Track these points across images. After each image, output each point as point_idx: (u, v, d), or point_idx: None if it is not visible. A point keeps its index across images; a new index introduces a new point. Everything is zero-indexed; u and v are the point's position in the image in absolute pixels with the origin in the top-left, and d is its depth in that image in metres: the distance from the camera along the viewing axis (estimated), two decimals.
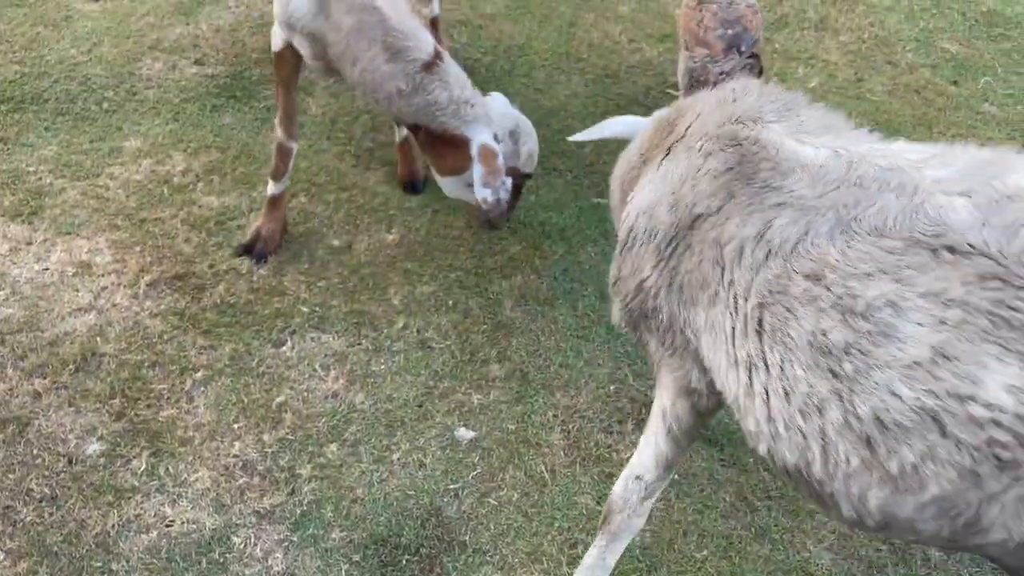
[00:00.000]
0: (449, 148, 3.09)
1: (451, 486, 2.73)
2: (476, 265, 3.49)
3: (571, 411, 3.00)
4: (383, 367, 3.05)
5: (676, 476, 2.82)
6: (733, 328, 1.83)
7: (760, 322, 1.75)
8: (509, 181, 3.11)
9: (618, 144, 2.67)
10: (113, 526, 2.53)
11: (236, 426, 2.81)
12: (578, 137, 2.81)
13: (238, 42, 4.45)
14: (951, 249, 1.55)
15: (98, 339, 3.00)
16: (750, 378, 1.78)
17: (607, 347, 3.24)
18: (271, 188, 3.40)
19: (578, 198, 3.87)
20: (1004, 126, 4.44)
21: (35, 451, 2.68)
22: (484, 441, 2.87)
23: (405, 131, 3.76)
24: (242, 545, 2.52)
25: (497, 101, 3.29)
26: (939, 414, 1.50)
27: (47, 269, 3.25)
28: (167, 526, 2.55)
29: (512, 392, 3.02)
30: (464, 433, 2.88)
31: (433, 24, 4.20)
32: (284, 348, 3.08)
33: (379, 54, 2.95)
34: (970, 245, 1.53)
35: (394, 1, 3.04)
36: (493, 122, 3.15)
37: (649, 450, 2.21)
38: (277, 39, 3.24)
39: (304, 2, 2.98)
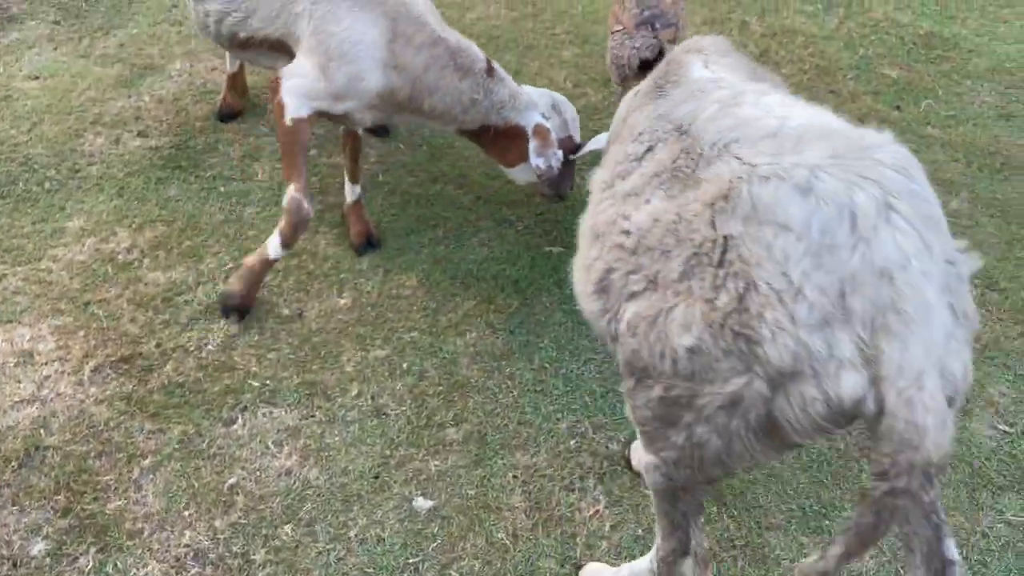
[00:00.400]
0: (512, 140, 3.44)
1: (411, 560, 2.66)
2: (430, 324, 3.45)
3: (531, 471, 2.94)
4: (337, 439, 2.99)
5: (640, 531, 2.77)
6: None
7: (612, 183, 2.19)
8: (560, 152, 3.44)
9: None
10: None
11: (187, 513, 2.73)
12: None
13: (182, 111, 4.41)
14: (683, 131, 2.03)
15: (41, 431, 2.92)
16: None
17: (566, 400, 3.20)
18: (272, 253, 3.28)
19: (531, 248, 3.85)
20: (948, 148, 4.50)
21: None
22: (443, 509, 2.81)
23: (357, 192, 3.76)
24: None
25: (527, 87, 3.61)
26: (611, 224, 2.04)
27: None
28: None
29: (471, 455, 2.97)
30: (422, 503, 2.81)
31: None
32: (235, 426, 3.01)
33: (452, 76, 3.22)
34: (686, 128, 2.02)
35: (442, 24, 3.32)
36: (538, 104, 3.49)
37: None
38: (301, 108, 3.14)
39: (378, 74, 3.15)
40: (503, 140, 3.46)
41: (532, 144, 3.39)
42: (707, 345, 1.70)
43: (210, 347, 3.27)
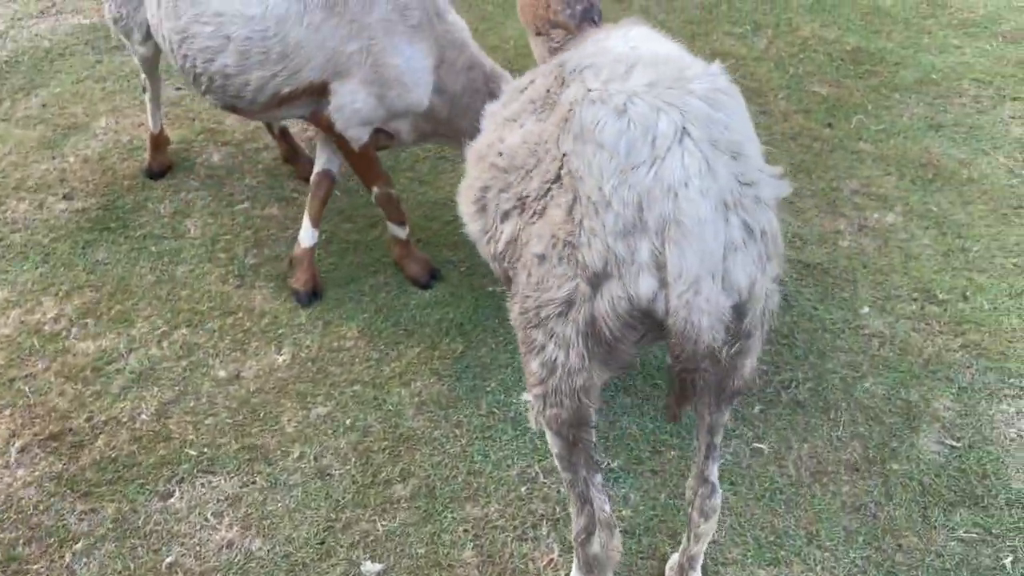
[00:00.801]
0: None
1: None
2: (373, 376, 3.37)
3: (483, 522, 2.87)
4: (280, 505, 2.89)
5: None
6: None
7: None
8: None
9: None
10: None
11: None
12: None
13: (108, 170, 4.31)
14: (562, 63, 2.20)
15: None
16: None
17: (515, 444, 3.14)
18: (401, 233, 3.71)
19: (474, 290, 3.81)
20: (880, 162, 4.56)
21: None
22: (393, 571, 2.72)
23: (315, 237, 3.71)
24: None
25: None
26: None
27: None
28: None
29: (419, 512, 2.89)
30: (371, 567, 2.72)
31: None
32: (172, 499, 2.90)
33: (484, 101, 3.25)
34: (564, 61, 2.18)
35: (479, 50, 3.44)
36: None
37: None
38: (364, 134, 3.40)
39: (422, 91, 3.29)
40: None
41: None
42: (548, 252, 1.91)
43: (144, 417, 3.16)
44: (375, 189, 3.62)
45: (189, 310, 3.60)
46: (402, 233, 3.76)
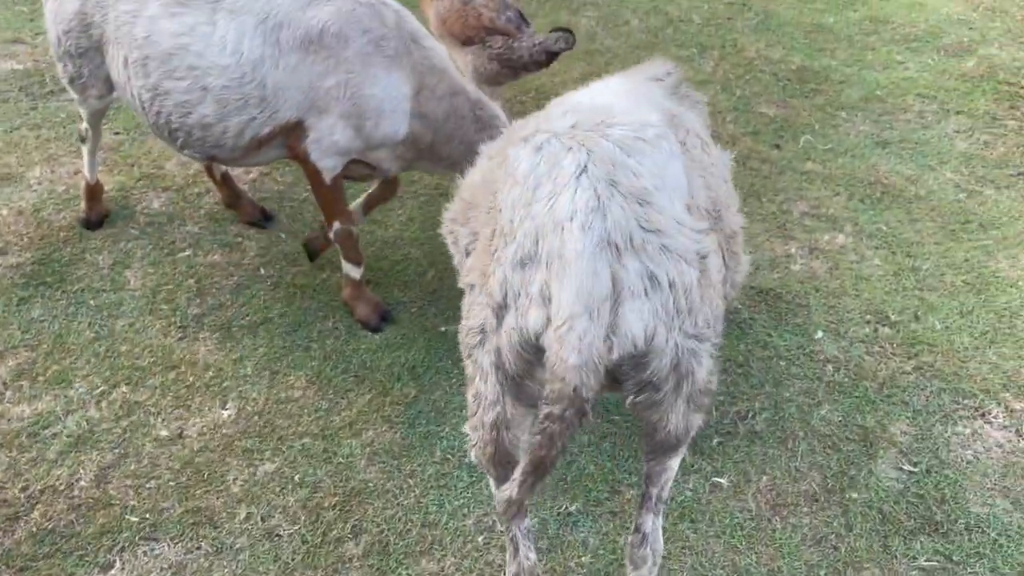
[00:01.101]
0: None
1: None
2: (323, 427, 3.28)
3: None
4: (227, 571, 2.77)
5: None
6: None
7: None
8: None
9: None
10: None
11: None
12: None
13: (43, 223, 4.17)
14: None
15: None
16: None
17: (471, 492, 3.06)
18: (355, 274, 3.64)
19: (426, 331, 3.73)
20: (829, 182, 4.57)
21: None
22: None
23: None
24: None
25: None
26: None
27: None
28: None
29: (372, 570, 2.79)
30: None
31: None
32: (113, 571, 2.77)
33: (470, 127, 3.34)
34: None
35: (463, 77, 3.42)
36: None
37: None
38: (338, 166, 3.36)
39: (399, 119, 3.26)
40: None
41: None
42: (476, 281, 1.96)
43: (82, 483, 3.03)
44: (336, 224, 3.55)
45: (129, 367, 3.47)
46: (356, 273, 3.68)
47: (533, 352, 1.82)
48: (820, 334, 3.66)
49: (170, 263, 3.98)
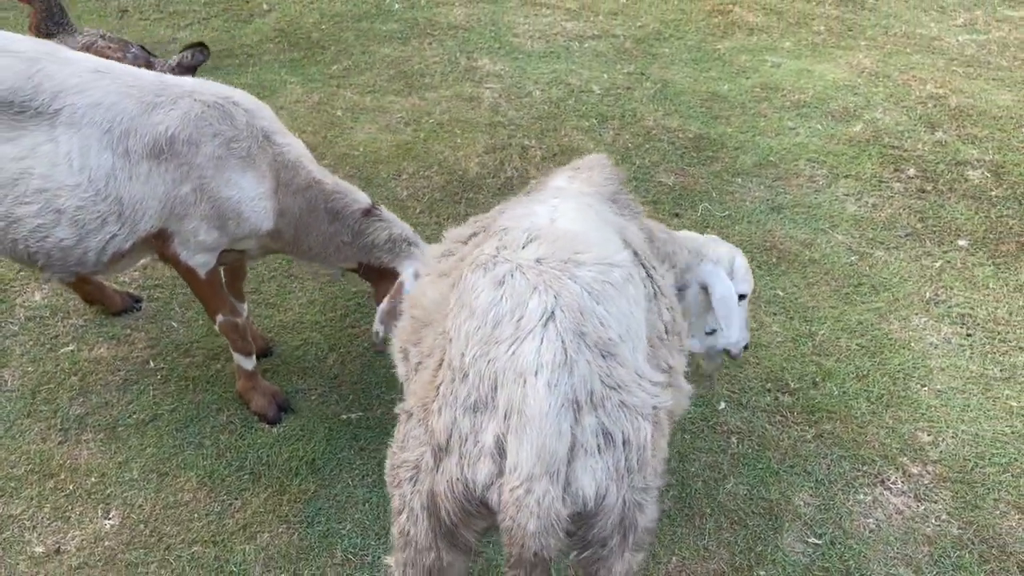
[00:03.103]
0: (386, 280, 3.40)
1: None
2: (214, 532, 3.10)
3: None
4: None
5: None
6: None
7: None
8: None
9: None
10: None
11: None
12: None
13: None
14: (497, 222, 2.10)
15: None
16: None
17: None
18: (247, 364, 3.53)
19: (327, 419, 3.60)
20: None
21: None
22: None
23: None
24: None
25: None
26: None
27: None
28: None
29: None
30: None
31: None
32: None
33: (323, 219, 3.31)
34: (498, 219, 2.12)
35: (320, 168, 3.37)
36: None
37: None
38: (211, 262, 3.25)
39: (262, 215, 3.17)
40: (377, 279, 3.48)
41: (384, 304, 3.23)
42: (414, 410, 1.84)
43: None
44: (219, 318, 3.41)
45: (3, 476, 3.24)
46: (248, 364, 3.54)
47: (476, 505, 1.71)
48: (723, 405, 3.69)
49: (52, 359, 3.76)
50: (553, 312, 1.66)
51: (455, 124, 5.72)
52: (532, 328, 1.65)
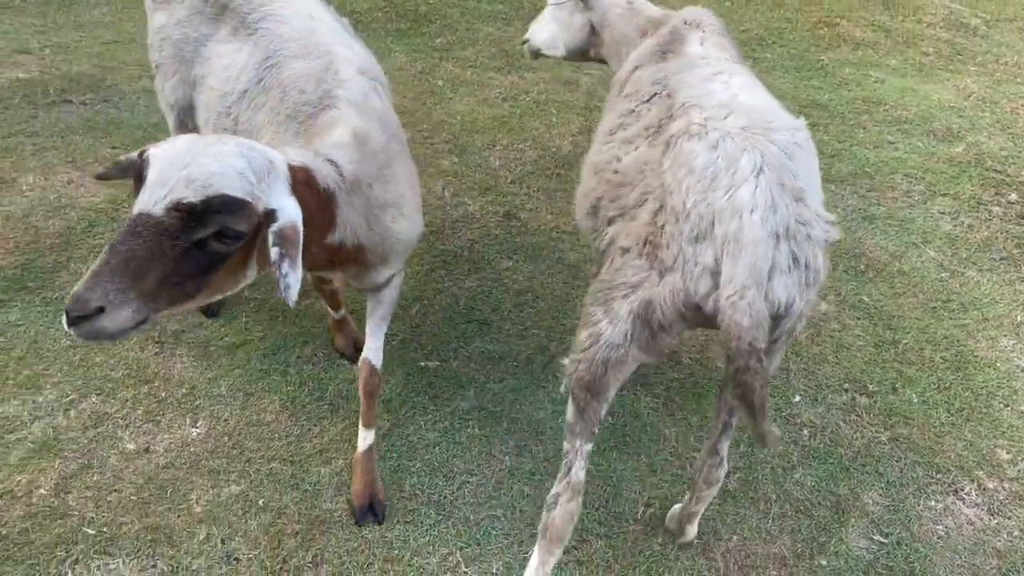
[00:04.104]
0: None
1: None
2: (292, 453, 3.23)
3: None
4: None
5: None
6: None
7: None
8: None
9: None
10: None
11: None
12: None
13: (31, 228, 4.15)
14: (670, 95, 2.59)
15: None
16: None
17: (437, 530, 3.01)
18: (335, 315, 3.61)
19: (405, 364, 3.71)
20: None
21: None
22: None
23: (369, 440, 3.12)
24: None
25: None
26: None
27: None
28: None
29: None
30: None
31: None
32: None
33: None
34: (672, 93, 2.58)
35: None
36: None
37: None
38: None
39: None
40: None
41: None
42: (632, 246, 2.26)
43: (42, 491, 2.96)
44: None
45: (102, 377, 3.43)
46: (336, 316, 3.68)
47: (692, 310, 2.14)
48: (798, 398, 3.67)
49: None
50: (762, 167, 2.07)
51: (551, 104, 5.79)
52: (746, 178, 2.06)
